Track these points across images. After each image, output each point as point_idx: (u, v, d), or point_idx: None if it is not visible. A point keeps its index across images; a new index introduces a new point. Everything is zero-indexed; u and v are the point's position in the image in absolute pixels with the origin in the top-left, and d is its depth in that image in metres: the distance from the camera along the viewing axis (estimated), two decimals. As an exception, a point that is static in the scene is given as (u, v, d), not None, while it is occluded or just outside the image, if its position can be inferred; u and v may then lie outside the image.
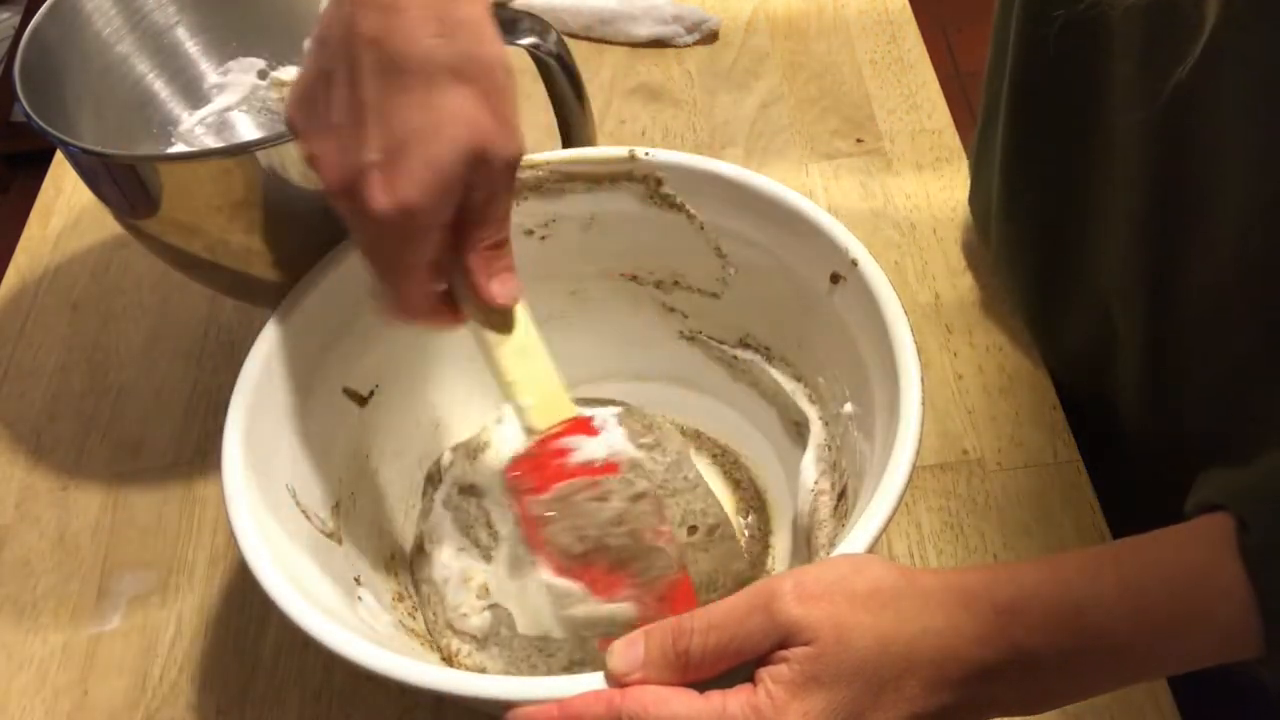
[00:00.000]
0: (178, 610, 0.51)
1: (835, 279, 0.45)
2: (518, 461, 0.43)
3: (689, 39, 0.76)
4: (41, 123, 0.47)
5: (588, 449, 0.42)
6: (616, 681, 0.33)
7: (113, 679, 0.50)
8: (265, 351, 0.44)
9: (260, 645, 0.50)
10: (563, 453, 0.42)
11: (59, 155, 0.74)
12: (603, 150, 0.49)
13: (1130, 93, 0.43)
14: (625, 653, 0.34)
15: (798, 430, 0.49)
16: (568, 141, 0.53)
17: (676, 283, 0.52)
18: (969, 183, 0.66)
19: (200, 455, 0.57)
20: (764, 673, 0.32)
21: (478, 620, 0.46)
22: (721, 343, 0.53)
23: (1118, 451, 0.54)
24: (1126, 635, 0.33)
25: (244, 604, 0.51)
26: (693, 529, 0.48)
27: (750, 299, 0.50)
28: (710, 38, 0.77)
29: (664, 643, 0.33)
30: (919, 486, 0.53)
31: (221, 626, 0.51)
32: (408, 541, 0.51)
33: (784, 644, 0.32)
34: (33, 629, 0.51)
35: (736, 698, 0.32)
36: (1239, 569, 0.32)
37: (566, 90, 0.51)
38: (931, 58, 0.74)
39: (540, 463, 0.42)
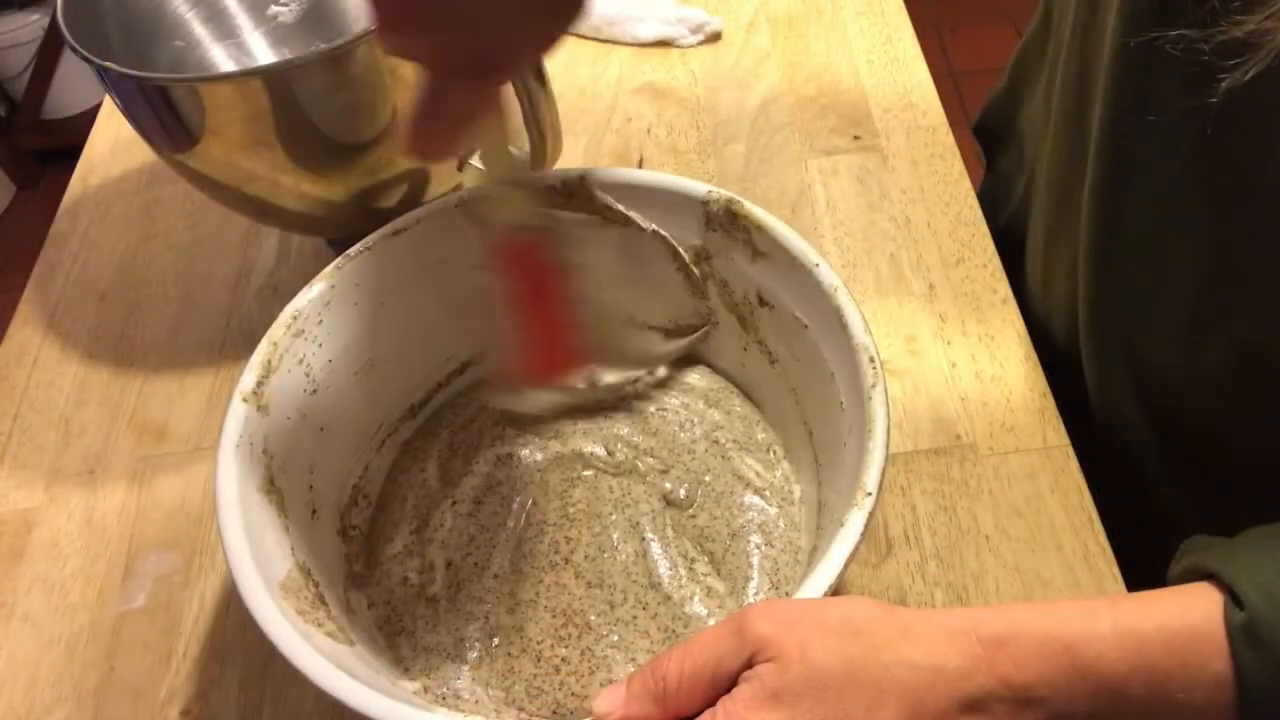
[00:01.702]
0: (200, 590, 0.52)
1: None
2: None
3: (693, 39, 0.77)
4: (86, 53, 0.48)
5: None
6: None
7: (138, 655, 0.50)
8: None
9: (280, 622, 0.51)
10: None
11: (86, 150, 0.75)
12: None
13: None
14: (608, 695, 0.33)
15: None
16: (531, 124, 0.53)
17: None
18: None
19: (222, 440, 0.59)
20: (726, 696, 0.31)
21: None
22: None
23: (1103, 436, 0.55)
24: (1122, 677, 0.32)
25: (264, 583, 0.52)
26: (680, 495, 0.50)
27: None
28: (713, 38, 0.78)
29: (644, 676, 0.33)
30: (914, 470, 0.54)
31: (242, 605, 0.50)
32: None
33: (750, 662, 0.32)
34: (61, 607, 0.52)
35: None
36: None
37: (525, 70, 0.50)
38: (926, 58, 0.74)
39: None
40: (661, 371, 0.55)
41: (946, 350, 0.59)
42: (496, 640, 0.46)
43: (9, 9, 1.81)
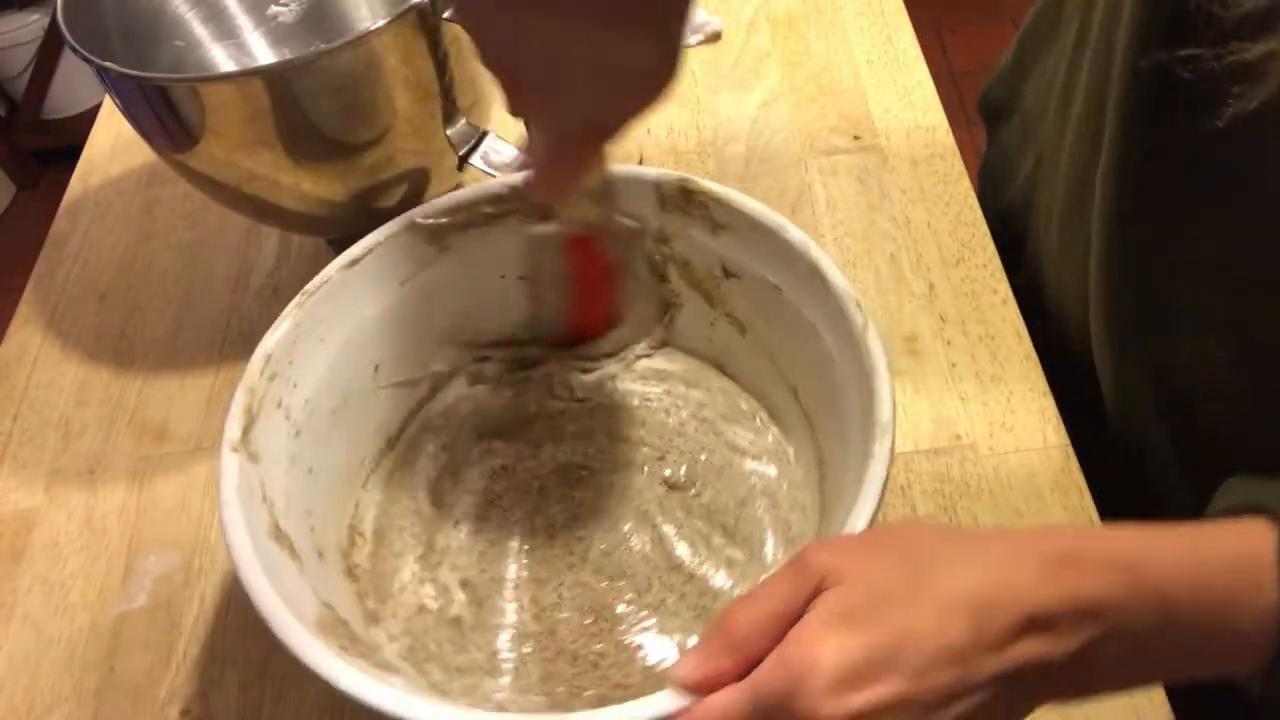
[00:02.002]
0: (200, 589, 0.52)
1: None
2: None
3: (692, 40, 0.77)
4: (86, 53, 0.48)
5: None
6: (682, 686, 0.33)
7: (138, 656, 0.51)
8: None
9: (280, 622, 0.51)
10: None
11: (86, 150, 0.76)
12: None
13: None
14: (684, 660, 0.33)
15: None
16: None
17: None
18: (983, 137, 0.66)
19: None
20: (795, 625, 0.32)
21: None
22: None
23: (1103, 435, 0.55)
24: (1180, 598, 0.32)
25: (264, 583, 0.52)
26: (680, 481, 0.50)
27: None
28: (713, 38, 0.78)
29: (714, 632, 0.33)
30: (914, 470, 0.54)
31: (242, 605, 0.50)
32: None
33: (816, 592, 0.32)
34: (61, 607, 0.53)
35: (768, 658, 0.31)
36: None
37: None
38: (926, 57, 0.74)
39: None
40: (638, 365, 0.56)
41: (946, 350, 0.59)
42: (529, 648, 0.46)
43: (9, 9, 1.81)
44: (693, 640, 0.45)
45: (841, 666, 0.30)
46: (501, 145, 0.59)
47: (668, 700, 0.33)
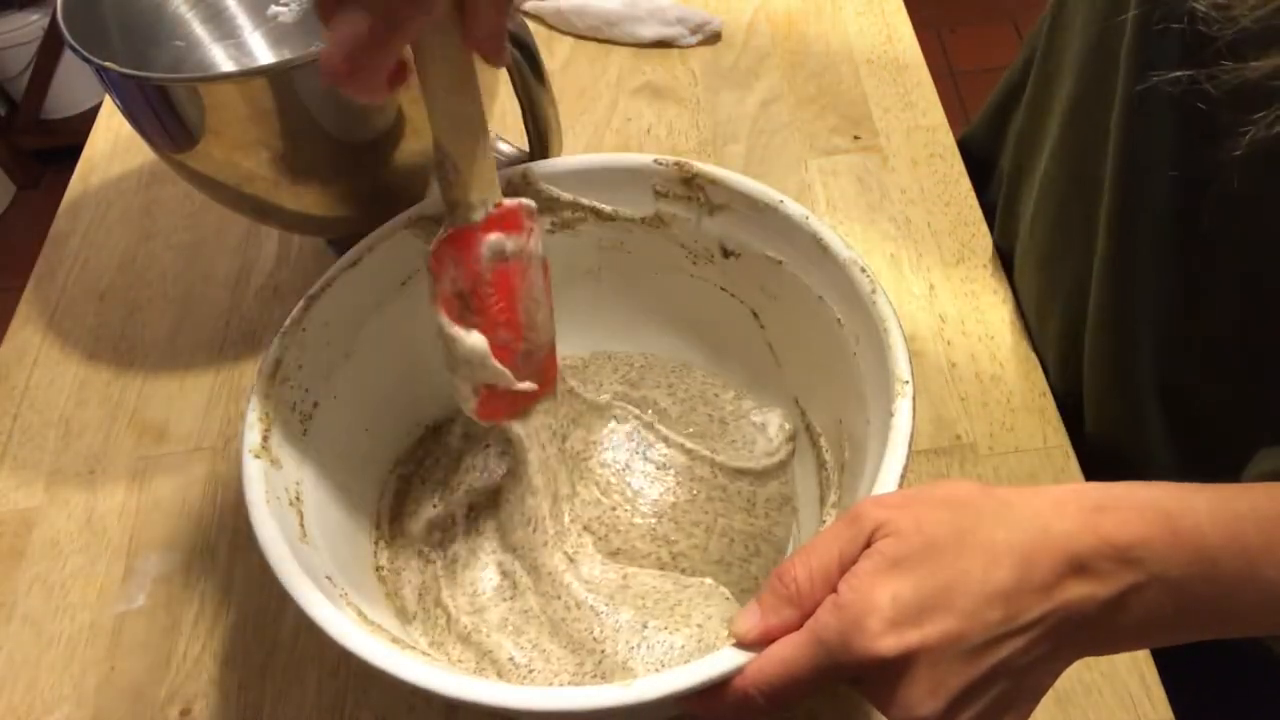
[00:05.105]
0: (201, 590, 0.52)
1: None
2: (440, 244, 0.42)
3: (692, 40, 0.78)
4: (86, 53, 0.48)
5: (505, 245, 0.43)
6: (743, 641, 0.33)
7: (138, 656, 0.51)
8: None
9: (280, 623, 0.51)
10: (478, 244, 0.42)
11: (86, 150, 0.76)
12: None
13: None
14: (743, 615, 0.34)
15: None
16: (531, 121, 0.54)
17: None
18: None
19: (223, 440, 0.58)
20: (848, 572, 0.33)
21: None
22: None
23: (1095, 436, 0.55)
24: (1216, 548, 0.32)
25: (264, 584, 0.52)
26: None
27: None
28: (713, 38, 0.78)
29: (772, 587, 0.34)
30: (914, 471, 0.54)
31: (243, 605, 0.52)
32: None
33: (869, 543, 0.33)
34: (61, 607, 0.53)
35: (822, 606, 0.32)
36: None
37: (525, 69, 0.52)
38: (926, 57, 0.75)
39: (459, 250, 0.42)
40: None
41: (946, 350, 0.59)
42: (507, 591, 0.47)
43: (9, 9, 1.81)
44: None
45: (897, 607, 0.31)
46: (502, 145, 0.59)
47: (731, 656, 0.33)
